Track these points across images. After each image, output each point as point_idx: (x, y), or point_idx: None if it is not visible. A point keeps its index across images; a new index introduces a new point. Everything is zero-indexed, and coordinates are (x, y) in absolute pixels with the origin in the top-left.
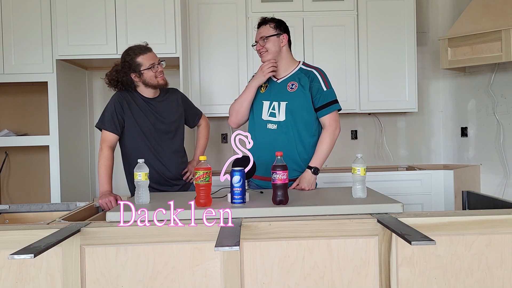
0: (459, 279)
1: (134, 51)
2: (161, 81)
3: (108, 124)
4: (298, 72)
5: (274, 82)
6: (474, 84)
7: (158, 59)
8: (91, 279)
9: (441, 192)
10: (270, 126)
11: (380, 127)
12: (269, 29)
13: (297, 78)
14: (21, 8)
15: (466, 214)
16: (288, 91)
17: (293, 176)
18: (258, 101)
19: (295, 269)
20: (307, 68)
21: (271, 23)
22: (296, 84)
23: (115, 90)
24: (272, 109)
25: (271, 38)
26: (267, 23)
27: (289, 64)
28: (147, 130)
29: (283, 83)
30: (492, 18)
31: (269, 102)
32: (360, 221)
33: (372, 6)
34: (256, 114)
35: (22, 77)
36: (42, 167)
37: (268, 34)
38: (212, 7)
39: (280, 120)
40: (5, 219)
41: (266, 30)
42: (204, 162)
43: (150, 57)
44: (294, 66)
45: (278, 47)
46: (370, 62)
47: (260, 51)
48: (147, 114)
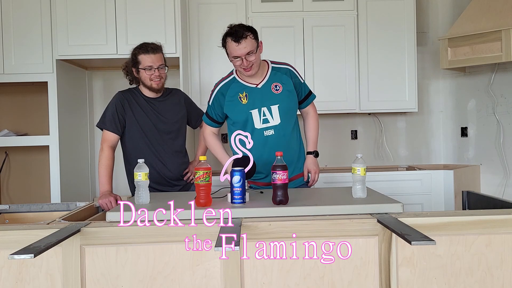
0: (459, 279)
1: (141, 48)
2: (154, 85)
3: (109, 123)
4: (273, 72)
5: (253, 89)
6: (474, 84)
7: (161, 63)
8: (91, 279)
9: (441, 192)
10: (267, 133)
11: (380, 127)
12: (252, 41)
13: (277, 78)
14: (21, 8)
15: (466, 214)
16: (274, 93)
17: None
18: (243, 113)
19: (295, 269)
20: (277, 65)
21: (250, 35)
22: (279, 85)
23: (130, 82)
24: (263, 115)
25: (256, 52)
26: (247, 36)
27: (262, 67)
28: (148, 130)
29: (265, 86)
30: (492, 18)
31: (258, 109)
32: (360, 221)
33: (372, 6)
34: (248, 126)
35: (22, 77)
36: (42, 167)
37: (254, 48)
38: (212, 7)
39: (276, 124)
40: (5, 219)
41: (250, 44)
42: (204, 162)
43: (150, 59)
44: (266, 67)
45: (259, 55)
46: (370, 62)
47: (245, 68)
48: (149, 114)
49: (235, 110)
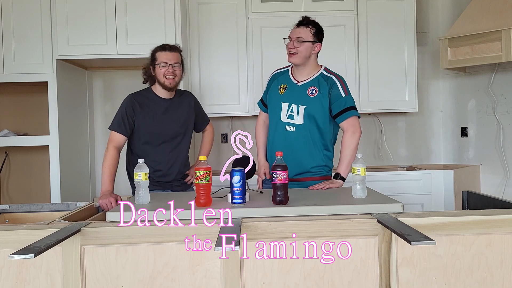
0: (459, 279)
1: (158, 46)
2: (166, 82)
3: (116, 125)
4: (319, 77)
5: (294, 85)
6: (474, 84)
7: (177, 62)
8: (91, 279)
9: (441, 192)
10: (288, 128)
11: (380, 127)
12: (309, 33)
13: (317, 83)
14: (21, 8)
15: (466, 214)
16: (308, 96)
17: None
18: (277, 102)
19: (295, 269)
20: (327, 74)
21: (312, 28)
22: (316, 89)
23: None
24: (290, 111)
25: (306, 43)
26: (308, 26)
27: (312, 69)
28: (157, 130)
29: (304, 87)
30: (492, 18)
31: (288, 104)
32: (360, 221)
33: (372, 6)
34: (275, 116)
35: (22, 77)
36: (42, 167)
37: (305, 39)
38: (212, 7)
39: (299, 123)
40: (5, 219)
41: (305, 33)
42: (204, 162)
43: (166, 55)
44: (316, 71)
45: (309, 53)
46: (370, 62)
47: (290, 50)
48: (159, 115)
49: (271, 96)
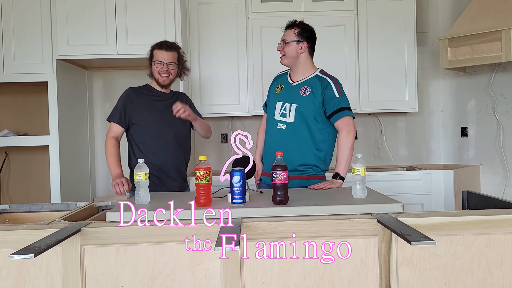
0: (459, 279)
1: (157, 43)
2: (160, 80)
3: (113, 115)
4: (314, 78)
5: (289, 85)
6: (474, 84)
7: (172, 61)
8: (91, 279)
9: (441, 192)
10: (280, 126)
11: (380, 127)
12: (292, 34)
13: (311, 84)
14: (21, 8)
15: (466, 214)
16: (301, 95)
17: (296, 174)
18: (272, 101)
19: (295, 269)
20: (322, 75)
21: (295, 29)
22: (309, 89)
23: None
24: (283, 109)
25: (291, 44)
26: (293, 28)
27: (307, 70)
28: (155, 122)
29: (298, 86)
30: (492, 18)
31: (282, 102)
32: (360, 221)
33: (372, 6)
34: (270, 114)
35: (22, 77)
36: (42, 167)
37: (288, 39)
38: (212, 7)
39: (290, 121)
40: (5, 219)
41: (288, 35)
42: (204, 162)
43: (162, 55)
44: (312, 72)
45: (296, 53)
46: (370, 62)
47: (279, 52)
48: (157, 106)
49: (269, 96)
